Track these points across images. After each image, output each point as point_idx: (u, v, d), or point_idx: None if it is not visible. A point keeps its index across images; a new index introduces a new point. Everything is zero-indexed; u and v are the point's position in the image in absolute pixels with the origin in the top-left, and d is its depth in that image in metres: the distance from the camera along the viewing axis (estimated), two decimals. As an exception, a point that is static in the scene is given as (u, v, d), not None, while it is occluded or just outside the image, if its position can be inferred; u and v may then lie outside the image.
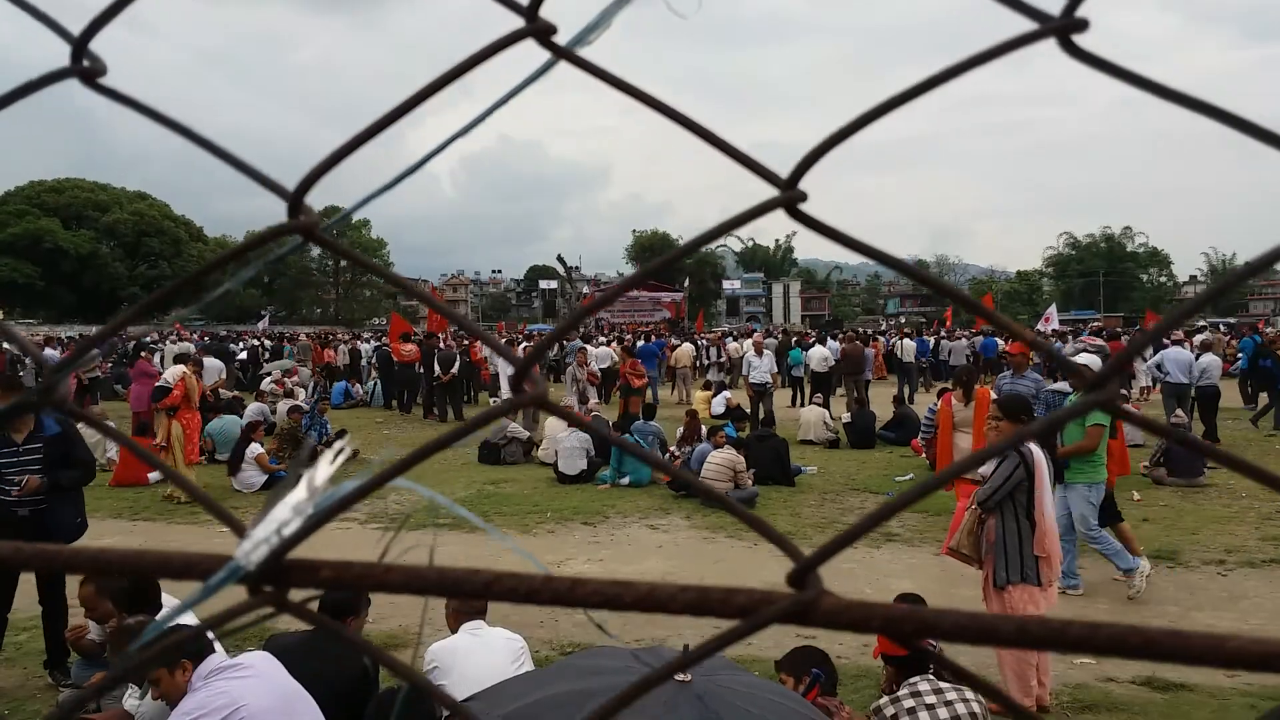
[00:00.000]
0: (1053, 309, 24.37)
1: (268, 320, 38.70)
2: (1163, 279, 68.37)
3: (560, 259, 69.02)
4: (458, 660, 3.62)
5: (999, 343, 21.99)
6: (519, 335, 30.81)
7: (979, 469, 5.36)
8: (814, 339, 22.76)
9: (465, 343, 19.00)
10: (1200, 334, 19.06)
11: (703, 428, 11.35)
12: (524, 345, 18.96)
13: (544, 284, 66.53)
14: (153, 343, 24.24)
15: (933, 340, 22.74)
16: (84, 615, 4.34)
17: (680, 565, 7.10)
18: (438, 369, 16.12)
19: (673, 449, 11.37)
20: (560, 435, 10.85)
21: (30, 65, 0.46)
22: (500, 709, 2.55)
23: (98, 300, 51.97)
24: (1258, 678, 4.63)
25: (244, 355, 23.80)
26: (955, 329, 28.12)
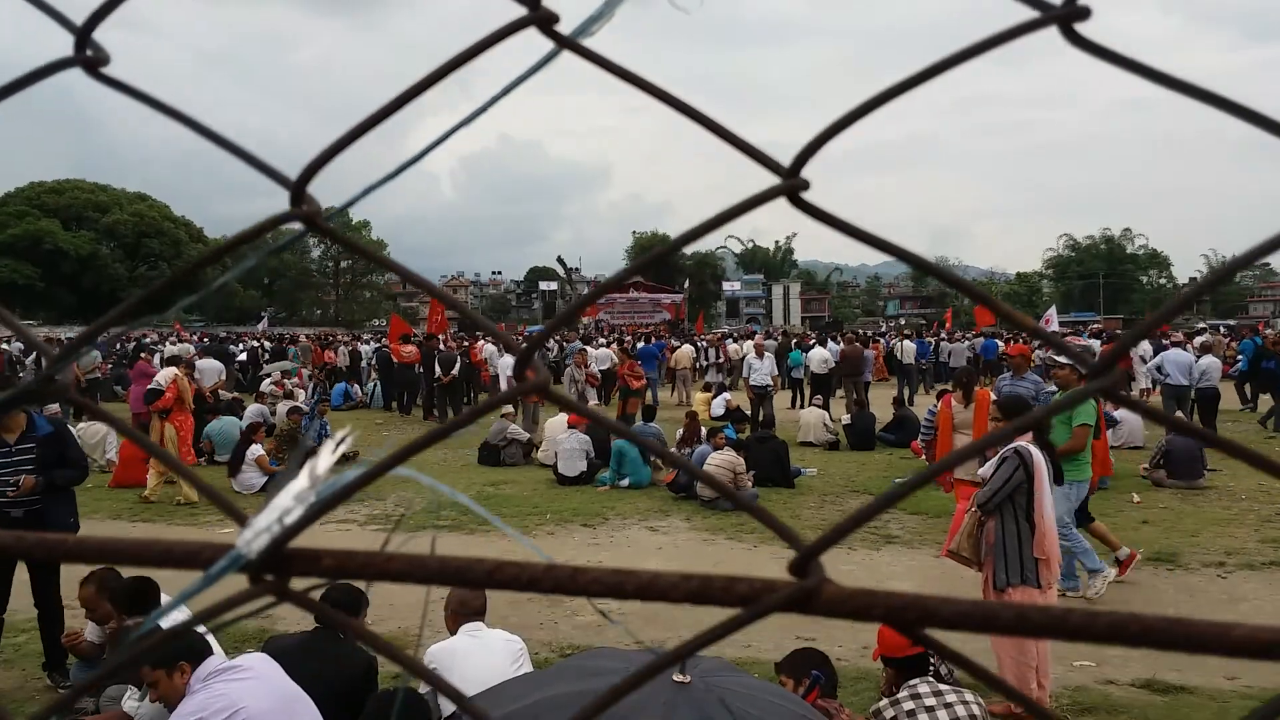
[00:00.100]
0: (1052, 311, 24.35)
1: (266, 321, 38.64)
2: (1162, 281, 68.36)
3: (560, 260, 69.05)
4: (457, 662, 3.62)
5: (999, 344, 22.00)
6: (519, 336, 30.82)
7: (979, 471, 5.37)
8: (814, 340, 22.74)
9: (465, 344, 19.01)
10: (1200, 336, 19.08)
11: (702, 429, 11.35)
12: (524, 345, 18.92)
13: (544, 285, 66.49)
14: (152, 344, 24.27)
15: (933, 342, 22.73)
16: (85, 616, 4.34)
17: (680, 567, 6.81)
18: (438, 370, 16.15)
19: (672, 450, 11.37)
20: (560, 437, 10.84)
21: (33, 63, 0.45)
22: (500, 710, 2.55)
23: (98, 301, 51.95)
24: (1258, 681, 4.62)
25: (243, 357, 23.79)
26: (955, 331, 28.11)
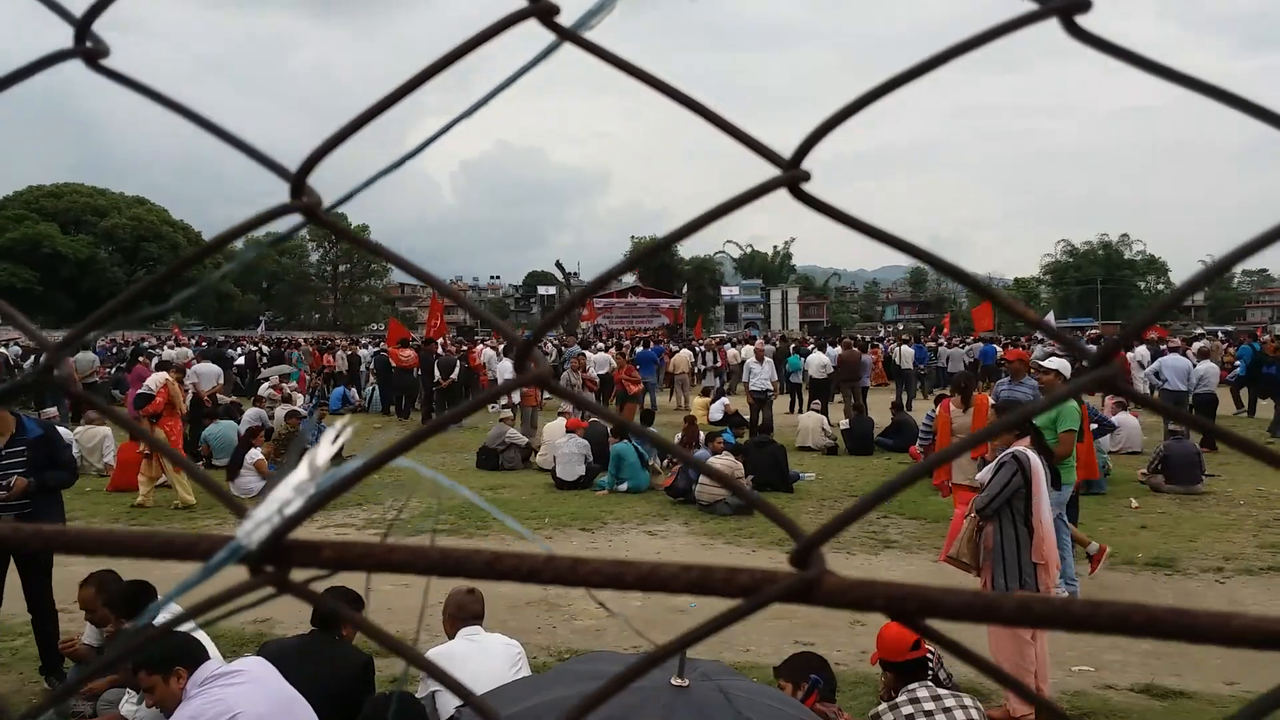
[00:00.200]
0: (1050, 317, 24.40)
1: (264, 326, 38.62)
2: (1160, 286, 68.40)
3: (559, 265, 68.94)
4: (455, 666, 3.61)
5: (997, 349, 22.02)
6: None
7: (977, 476, 5.37)
8: (812, 345, 22.75)
9: (464, 348, 19.00)
10: (1198, 341, 19.13)
11: (701, 434, 11.35)
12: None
13: (543, 290, 66.41)
14: (151, 348, 24.25)
15: (931, 347, 22.75)
16: (84, 618, 4.33)
17: None
18: (437, 374, 16.18)
19: (674, 443, 11.37)
20: (559, 441, 10.84)
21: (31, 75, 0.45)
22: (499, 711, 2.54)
23: (96, 305, 50.91)
24: (1258, 685, 4.61)
25: (241, 360, 23.75)
26: (953, 336, 28.13)
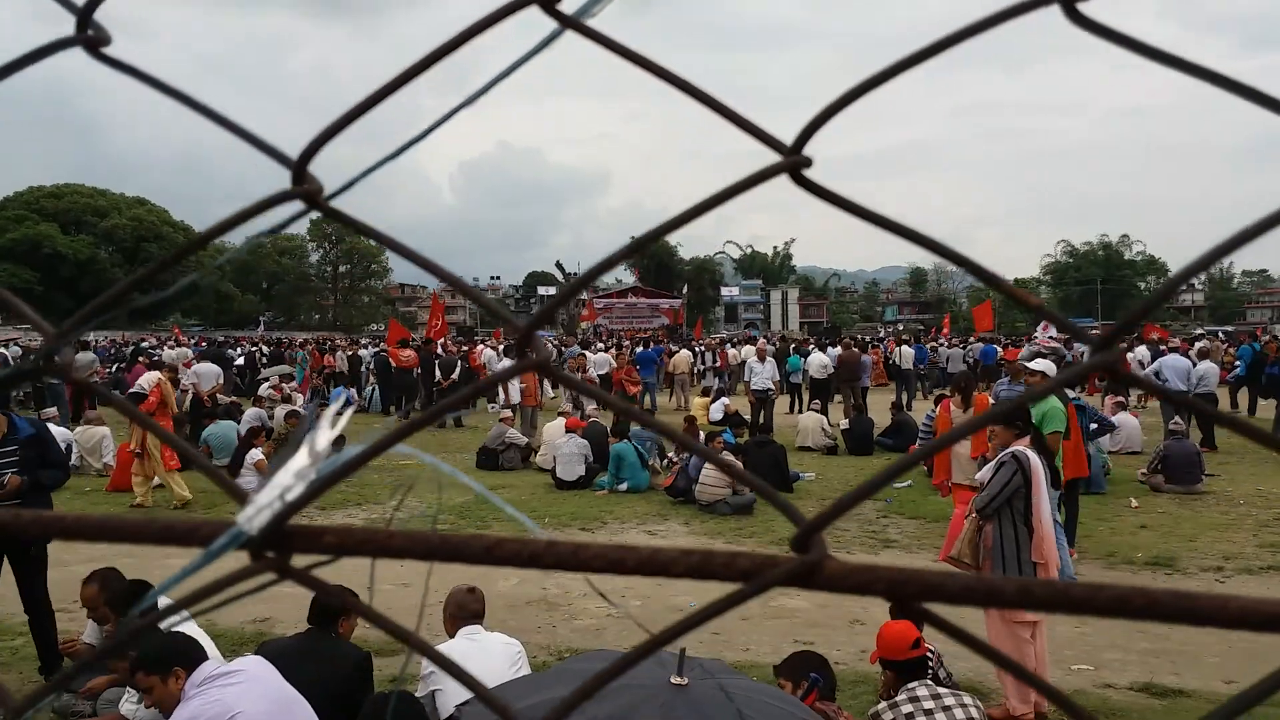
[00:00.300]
0: (1050, 317, 24.34)
1: (263, 326, 38.62)
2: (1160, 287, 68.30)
3: (559, 265, 69.00)
4: (455, 664, 3.61)
5: (997, 350, 22.03)
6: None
7: (977, 475, 5.37)
8: (812, 346, 22.77)
9: (464, 348, 19.01)
10: (1198, 342, 19.15)
11: (701, 434, 11.35)
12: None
13: (542, 290, 66.44)
14: (150, 348, 24.25)
15: (931, 347, 22.77)
16: (86, 615, 4.33)
17: None
18: (438, 374, 16.24)
19: (670, 455, 11.38)
20: (558, 441, 10.85)
21: (34, 68, 0.45)
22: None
23: (96, 305, 51.87)
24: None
25: (241, 361, 23.75)
26: (953, 336, 28.13)
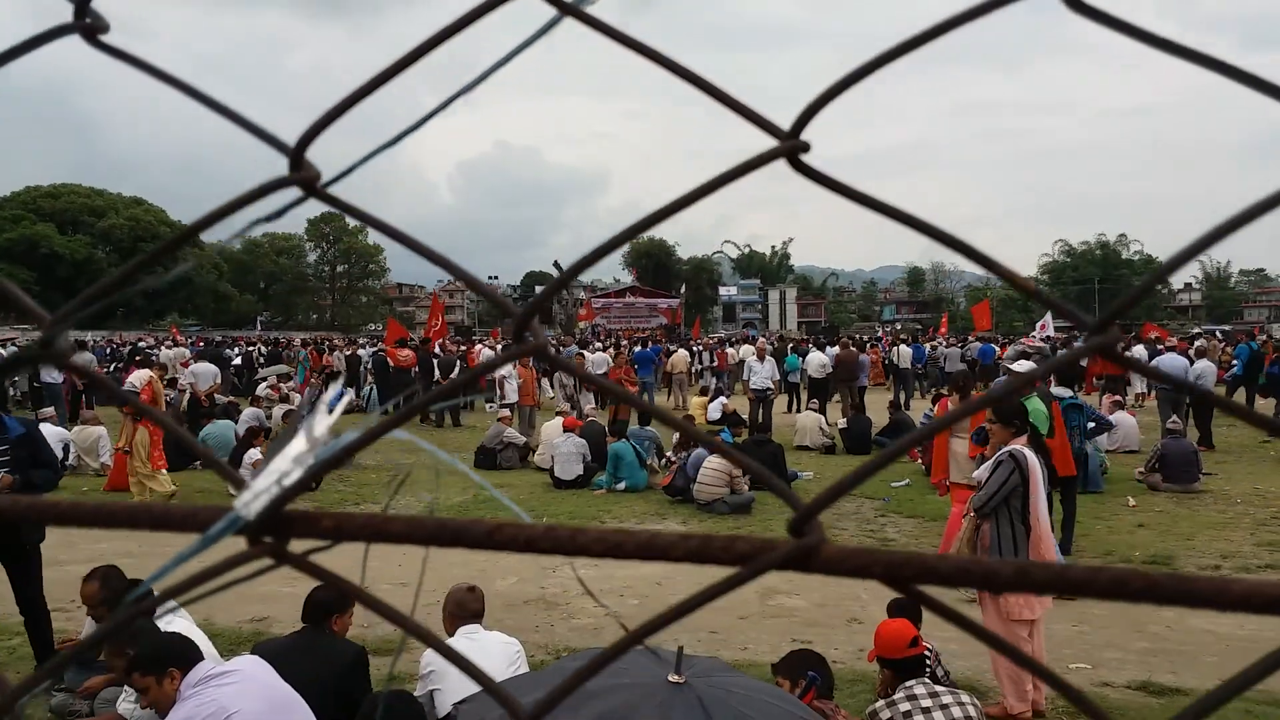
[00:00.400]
0: (1048, 317, 24.37)
1: (260, 326, 38.61)
2: (1159, 287, 68.43)
3: (556, 265, 68.95)
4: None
5: (995, 349, 22.07)
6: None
7: (974, 474, 5.37)
8: (811, 345, 22.79)
9: (463, 348, 19.01)
10: (1196, 341, 19.17)
11: (699, 433, 11.34)
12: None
13: (540, 290, 66.41)
14: (148, 348, 24.24)
15: (929, 347, 22.80)
16: (86, 613, 4.33)
17: (676, 570, 6.99)
18: (437, 373, 16.26)
19: (669, 454, 11.39)
20: (556, 440, 10.85)
21: (32, 66, 0.45)
22: (497, 711, 2.55)
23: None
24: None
25: (238, 360, 23.74)
26: (951, 336, 28.17)
